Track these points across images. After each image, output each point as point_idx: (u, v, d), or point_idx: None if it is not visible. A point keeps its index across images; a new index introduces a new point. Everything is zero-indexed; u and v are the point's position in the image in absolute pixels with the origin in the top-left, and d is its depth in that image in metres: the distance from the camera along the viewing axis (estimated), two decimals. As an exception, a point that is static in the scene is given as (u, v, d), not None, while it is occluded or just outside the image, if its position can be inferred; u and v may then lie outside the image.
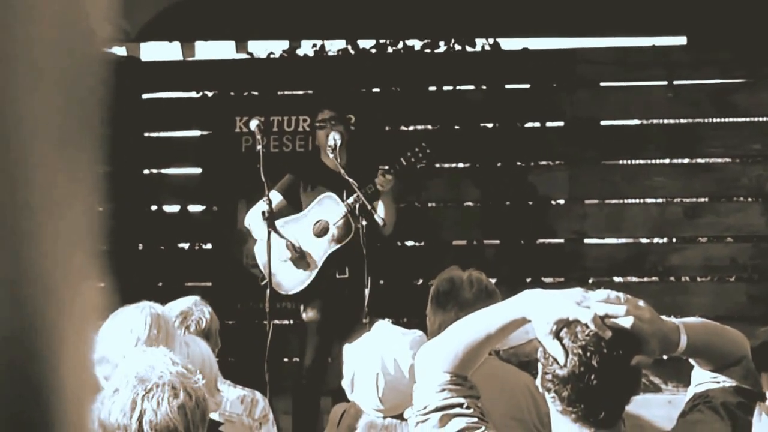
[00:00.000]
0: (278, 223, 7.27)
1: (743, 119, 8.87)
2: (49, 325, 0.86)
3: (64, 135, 0.87)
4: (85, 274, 0.90)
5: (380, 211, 7.09)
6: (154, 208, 9.25)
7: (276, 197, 7.29)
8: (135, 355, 3.06)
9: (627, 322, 2.54)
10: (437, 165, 8.92)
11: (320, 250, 7.38)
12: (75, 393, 0.88)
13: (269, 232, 6.92)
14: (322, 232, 7.38)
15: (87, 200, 0.90)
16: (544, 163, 9.06)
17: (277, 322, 7.60)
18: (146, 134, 9.25)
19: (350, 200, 7.19)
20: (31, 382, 0.86)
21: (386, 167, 7.14)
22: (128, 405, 2.78)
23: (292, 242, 7.30)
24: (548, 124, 9.09)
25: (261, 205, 7.23)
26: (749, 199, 8.89)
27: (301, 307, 7.58)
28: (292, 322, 8.50)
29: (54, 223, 0.86)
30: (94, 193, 0.90)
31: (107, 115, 0.91)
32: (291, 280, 7.36)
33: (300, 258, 7.35)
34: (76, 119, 0.88)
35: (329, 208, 7.36)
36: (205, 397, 2.90)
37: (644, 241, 9.14)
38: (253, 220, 7.39)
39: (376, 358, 3.27)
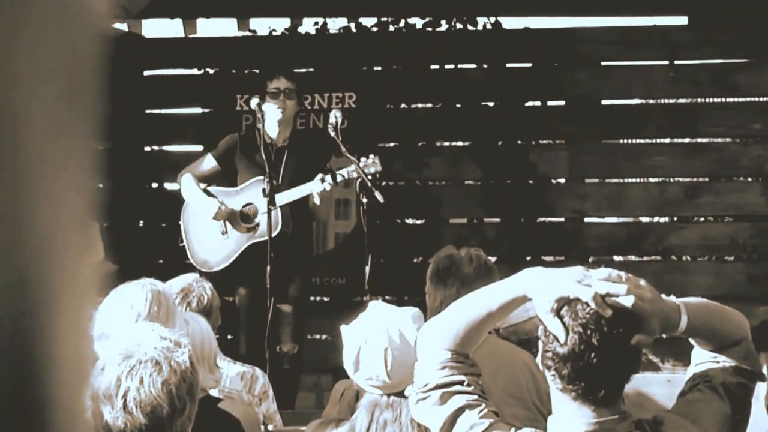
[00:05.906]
0: (211, 189, 7.27)
1: (744, 99, 8.87)
2: (47, 300, 0.86)
3: (62, 110, 0.87)
4: (84, 248, 0.90)
5: (316, 200, 6.93)
6: (155, 185, 9.25)
7: (210, 162, 7.30)
8: (126, 330, 3.05)
9: (628, 301, 2.54)
10: (438, 143, 8.93)
11: (243, 236, 7.24)
12: (71, 369, 0.88)
13: (269, 209, 6.86)
14: (249, 218, 7.25)
15: (85, 175, 0.89)
16: (544, 141, 9.06)
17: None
18: (147, 111, 9.25)
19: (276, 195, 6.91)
20: (28, 358, 0.85)
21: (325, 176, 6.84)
22: (113, 383, 2.76)
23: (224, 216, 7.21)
24: (549, 103, 9.07)
25: (194, 167, 7.32)
26: (749, 179, 8.89)
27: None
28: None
29: (52, 199, 0.86)
30: (91, 169, 0.90)
31: (106, 92, 0.90)
32: (215, 256, 7.29)
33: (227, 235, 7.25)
34: (74, 94, 0.88)
35: (259, 194, 7.04)
36: (193, 371, 2.86)
37: (644, 220, 9.14)
38: (186, 182, 7.35)
39: (382, 332, 3.26)
